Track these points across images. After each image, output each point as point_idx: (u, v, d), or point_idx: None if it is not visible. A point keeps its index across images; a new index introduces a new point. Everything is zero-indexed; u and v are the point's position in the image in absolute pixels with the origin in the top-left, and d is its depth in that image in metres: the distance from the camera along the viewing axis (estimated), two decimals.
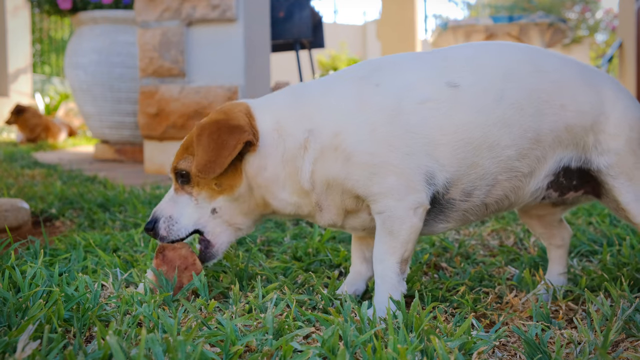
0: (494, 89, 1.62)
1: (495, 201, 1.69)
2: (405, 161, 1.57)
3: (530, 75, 1.65)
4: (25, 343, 1.16)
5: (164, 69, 4.86)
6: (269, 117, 1.68)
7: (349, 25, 20.17)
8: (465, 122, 1.60)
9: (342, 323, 1.33)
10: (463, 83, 1.62)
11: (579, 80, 1.68)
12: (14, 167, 5.13)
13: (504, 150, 1.62)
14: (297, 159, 1.64)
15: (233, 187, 1.68)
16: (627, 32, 8.55)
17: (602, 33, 16.31)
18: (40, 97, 11.96)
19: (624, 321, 1.48)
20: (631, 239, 2.27)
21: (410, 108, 1.60)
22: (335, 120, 1.61)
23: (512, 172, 1.65)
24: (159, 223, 1.72)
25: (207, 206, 1.70)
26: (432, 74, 1.65)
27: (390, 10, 12.95)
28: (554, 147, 1.66)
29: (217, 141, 1.61)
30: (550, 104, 1.64)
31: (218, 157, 1.60)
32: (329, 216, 1.70)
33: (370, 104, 1.61)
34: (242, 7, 4.74)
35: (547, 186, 1.70)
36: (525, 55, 1.69)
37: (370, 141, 1.57)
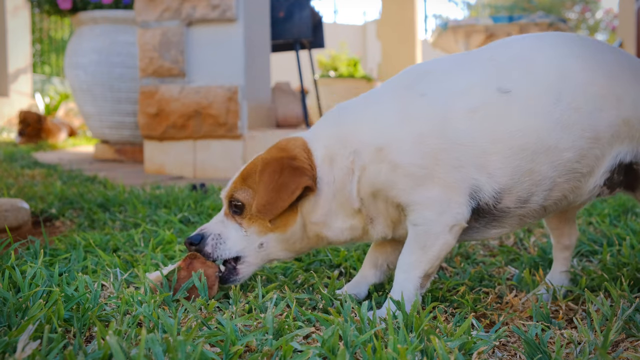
0: (549, 91, 1.56)
1: (554, 202, 1.65)
2: (452, 174, 1.53)
3: (584, 71, 1.58)
4: (25, 343, 1.16)
5: (164, 69, 4.86)
6: (320, 149, 1.65)
7: (349, 25, 20.16)
8: (519, 128, 1.54)
9: (342, 323, 1.33)
10: (515, 87, 1.56)
11: (629, 70, 1.63)
12: (14, 167, 5.13)
13: (563, 153, 1.56)
14: (346, 185, 1.62)
15: (287, 226, 1.67)
16: (627, 32, 8.55)
17: (602, 33, 16.31)
18: (40, 97, 11.96)
19: (624, 321, 1.47)
20: (631, 239, 2.27)
21: (459, 118, 1.54)
22: (378, 135, 1.57)
23: (571, 174, 1.60)
24: (207, 239, 1.71)
25: (255, 239, 1.69)
26: (481, 79, 1.59)
27: (390, 10, 12.94)
28: (612, 143, 1.60)
29: (278, 181, 1.59)
30: (606, 99, 1.57)
31: (277, 199, 1.59)
32: (380, 227, 1.68)
33: (415, 115, 1.57)
34: (242, 7, 4.74)
35: (604, 182, 1.64)
36: (575, 49, 1.62)
37: (417, 153, 1.54)
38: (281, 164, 1.61)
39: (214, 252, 1.71)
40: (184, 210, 2.99)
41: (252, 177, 1.67)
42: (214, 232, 1.72)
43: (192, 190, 3.59)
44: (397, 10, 12.83)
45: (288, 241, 1.70)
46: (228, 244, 1.71)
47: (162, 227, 2.63)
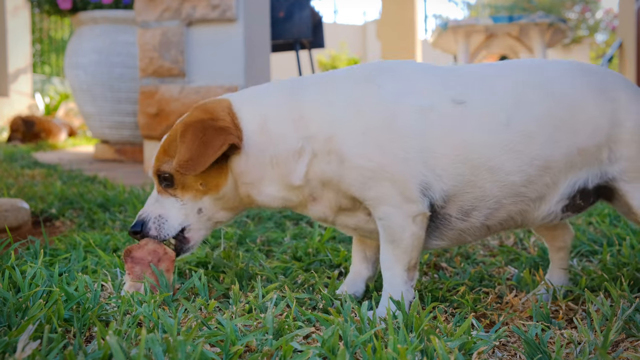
0: (501, 113, 1.57)
1: (499, 222, 1.65)
2: (399, 167, 1.54)
3: (542, 102, 1.59)
4: (25, 343, 1.16)
5: (164, 69, 4.86)
6: (256, 115, 1.65)
7: (349, 25, 20.16)
8: (466, 140, 1.55)
9: (342, 323, 1.33)
10: (470, 101, 1.58)
11: (592, 95, 1.61)
12: (14, 167, 5.13)
13: (508, 176, 1.57)
14: (289, 162, 1.62)
15: (219, 186, 1.67)
16: (627, 32, 8.55)
17: (602, 33, 16.30)
18: (40, 97, 11.95)
19: (624, 321, 1.48)
20: (631, 239, 2.27)
21: (408, 113, 1.56)
22: (331, 124, 1.59)
23: (517, 197, 1.60)
24: (148, 224, 1.71)
25: (193, 206, 1.70)
26: (439, 85, 1.61)
27: (390, 10, 12.94)
28: (566, 172, 1.60)
29: (202, 139, 1.59)
30: (563, 131, 1.58)
31: (201, 155, 1.58)
32: (321, 209, 1.68)
33: (367, 106, 1.58)
34: (242, 7, 4.74)
35: (562, 210, 1.65)
36: (536, 78, 1.63)
37: (364, 144, 1.55)
38: (203, 125, 1.61)
39: (159, 234, 1.70)
40: None
41: (174, 145, 1.66)
42: (154, 214, 1.71)
43: None
44: (397, 10, 12.83)
45: (223, 201, 1.70)
46: (170, 220, 1.70)
47: None
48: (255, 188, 1.67)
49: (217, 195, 1.68)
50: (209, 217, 1.72)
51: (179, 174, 1.65)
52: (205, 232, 1.75)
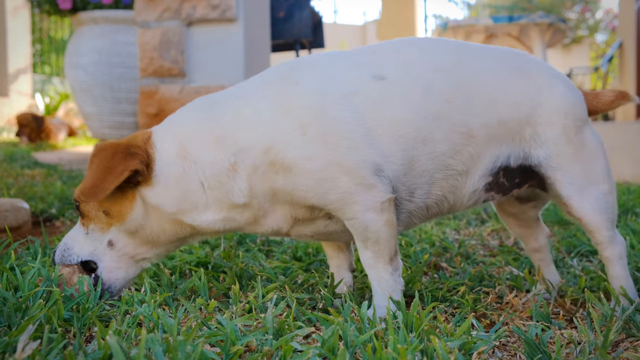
0: (421, 81, 1.57)
1: (436, 202, 1.64)
2: (349, 156, 1.48)
3: (456, 68, 1.60)
4: (25, 343, 1.16)
5: (164, 69, 4.86)
6: (173, 144, 1.57)
7: (349, 25, 20.15)
8: (397, 114, 1.54)
9: (342, 323, 1.33)
10: (390, 75, 1.57)
11: (511, 71, 1.63)
12: (14, 167, 5.13)
13: (437, 146, 1.56)
14: (225, 183, 1.54)
15: (123, 214, 1.60)
16: (627, 32, 8.55)
17: (602, 33, 16.30)
18: (40, 97, 11.95)
19: (624, 321, 1.48)
20: (631, 238, 2.27)
21: (338, 101, 1.52)
22: (264, 133, 1.51)
23: (447, 171, 1.60)
24: (56, 250, 1.69)
25: (100, 237, 1.64)
26: (356, 67, 1.59)
27: (390, 10, 12.94)
28: (488, 144, 1.61)
29: (106, 165, 1.53)
30: (479, 98, 1.59)
31: (103, 181, 1.52)
32: (274, 222, 1.61)
33: (293, 105, 1.52)
34: (242, 7, 4.74)
35: (485, 188, 1.65)
36: (451, 49, 1.65)
37: (305, 144, 1.48)
38: (114, 149, 1.56)
39: (62, 260, 1.66)
40: None
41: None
42: (62, 242, 1.68)
43: None
44: (397, 10, 12.83)
45: (138, 233, 1.62)
46: (74, 249, 1.66)
47: None
48: (188, 216, 1.59)
49: (125, 225, 1.61)
50: (127, 253, 1.65)
51: (83, 202, 1.61)
52: (125, 273, 1.66)
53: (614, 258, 1.67)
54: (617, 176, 4.86)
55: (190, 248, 2.22)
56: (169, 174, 1.57)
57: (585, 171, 1.63)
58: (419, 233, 2.64)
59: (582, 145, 1.64)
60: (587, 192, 1.63)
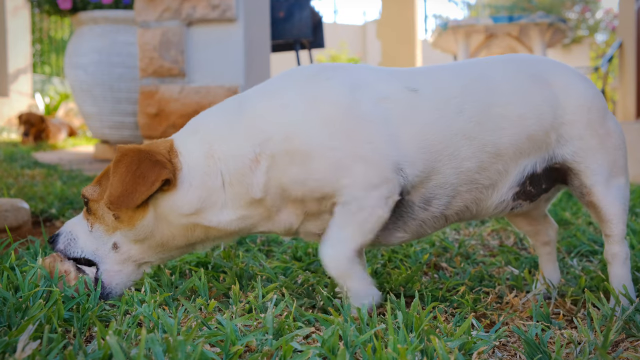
0: (453, 101, 1.60)
1: (456, 212, 1.66)
2: (369, 149, 1.51)
3: (484, 91, 1.63)
4: (25, 343, 1.16)
5: (164, 69, 4.86)
6: (199, 145, 1.58)
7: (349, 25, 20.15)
8: (425, 125, 1.56)
9: (342, 323, 1.33)
10: (422, 90, 1.60)
11: (532, 82, 1.66)
12: (14, 167, 5.13)
13: (464, 162, 1.59)
14: (246, 176, 1.55)
15: (133, 220, 1.59)
16: (627, 32, 8.55)
17: (602, 33, 16.29)
18: (40, 97, 11.95)
19: (624, 321, 1.48)
20: (631, 238, 2.27)
21: (367, 102, 1.54)
22: (285, 124, 1.53)
23: (472, 184, 1.62)
24: (59, 237, 1.66)
25: (105, 239, 1.62)
26: (389, 77, 1.62)
27: (390, 10, 12.94)
28: (517, 159, 1.64)
29: (135, 172, 1.52)
30: (507, 118, 1.62)
31: (134, 190, 1.50)
32: (286, 218, 1.62)
33: (321, 98, 1.54)
34: (242, 7, 4.74)
35: (513, 197, 1.67)
36: (478, 72, 1.68)
37: (327, 136, 1.51)
38: (139, 156, 1.54)
39: (65, 250, 1.65)
40: None
41: (107, 175, 1.61)
42: (67, 230, 1.66)
43: None
44: (397, 10, 12.83)
45: (146, 239, 1.61)
46: (79, 242, 1.64)
47: None
48: (204, 217, 1.59)
49: (133, 231, 1.60)
50: (131, 257, 1.63)
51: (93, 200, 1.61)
52: (126, 277, 1.65)
53: (622, 257, 1.68)
54: None
55: None
56: (193, 176, 1.57)
57: (609, 161, 1.66)
58: None
59: (607, 135, 1.67)
60: (611, 182, 1.66)
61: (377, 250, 2.33)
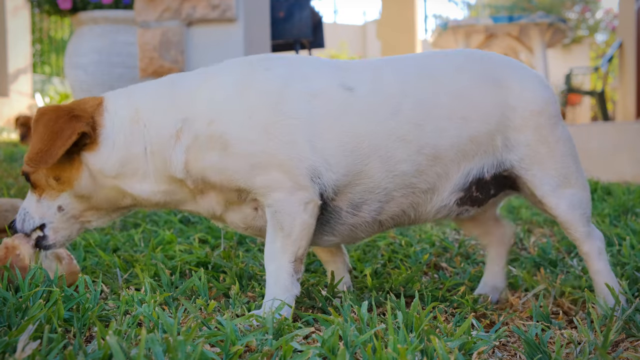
0: (391, 101, 1.55)
1: (391, 217, 1.62)
2: (286, 151, 1.48)
3: (427, 91, 1.58)
4: (25, 343, 1.16)
5: (164, 69, 4.86)
6: (126, 108, 1.60)
7: (349, 25, 20.15)
8: (355, 127, 1.53)
9: (342, 323, 1.33)
10: (359, 88, 1.56)
11: (479, 82, 1.61)
12: (14, 167, 5.13)
13: (398, 165, 1.54)
14: (166, 150, 1.56)
15: (72, 180, 1.61)
16: (627, 32, 8.55)
17: (602, 33, 16.29)
18: (40, 97, 11.95)
19: (624, 321, 1.48)
20: (631, 238, 2.27)
21: (296, 97, 1.52)
22: (212, 107, 1.53)
23: (408, 189, 1.58)
24: (16, 217, 1.71)
25: (51, 204, 1.65)
26: (328, 73, 1.59)
27: (390, 10, 12.94)
28: (458, 162, 1.59)
29: (52, 129, 1.53)
30: (450, 119, 1.57)
31: (52, 146, 1.52)
32: (209, 203, 1.62)
33: (252, 88, 1.53)
34: (242, 7, 4.74)
35: (457, 203, 1.62)
36: (422, 69, 1.63)
37: (248, 127, 1.50)
38: (57, 113, 1.57)
39: (22, 227, 1.68)
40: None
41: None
42: (21, 209, 1.70)
43: None
44: (397, 10, 12.82)
45: (85, 198, 1.64)
46: (31, 214, 1.67)
47: (162, 227, 2.63)
48: (126, 183, 1.60)
49: (74, 190, 1.62)
50: (74, 216, 1.67)
51: (32, 170, 1.61)
52: (69, 232, 1.69)
53: (594, 253, 1.66)
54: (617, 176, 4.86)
55: (190, 248, 2.22)
56: (116, 137, 1.58)
57: (558, 169, 1.62)
58: (418, 233, 2.64)
59: (555, 143, 1.62)
60: (561, 190, 1.62)
61: (376, 250, 2.33)
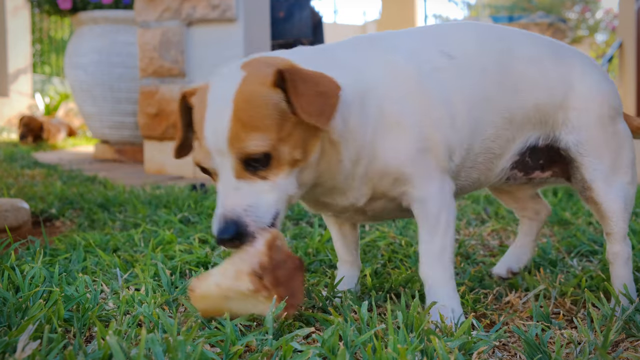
0: (477, 63, 1.57)
1: (469, 184, 1.64)
2: (436, 133, 1.47)
3: (503, 52, 1.61)
4: (25, 343, 1.16)
5: (164, 69, 4.86)
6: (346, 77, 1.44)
7: (349, 25, 20.15)
8: (470, 97, 1.53)
9: (342, 323, 1.33)
10: (457, 55, 1.57)
11: (548, 55, 1.65)
12: (14, 167, 5.13)
13: (486, 129, 1.57)
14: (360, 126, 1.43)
15: (310, 153, 1.38)
16: (627, 32, 8.55)
17: (602, 33, 16.29)
18: (40, 97, 11.95)
19: (624, 321, 1.47)
20: (631, 238, 2.27)
21: (429, 74, 1.50)
22: (376, 89, 1.45)
23: (488, 154, 1.60)
24: (243, 220, 1.30)
25: (285, 185, 1.35)
26: (428, 43, 1.58)
27: (390, 10, 12.94)
28: (523, 128, 1.62)
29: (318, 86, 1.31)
30: (524, 81, 1.60)
31: (326, 105, 1.29)
32: (358, 192, 1.50)
33: (398, 69, 1.49)
34: (242, 7, 4.74)
35: (511, 167, 1.66)
36: (496, 33, 1.66)
37: (410, 112, 1.45)
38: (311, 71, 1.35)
39: (262, 222, 1.33)
40: (184, 210, 2.99)
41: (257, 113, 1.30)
42: (241, 207, 1.31)
43: (192, 190, 3.60)
44: (397, 10, 12.83)
45: (312, 169, 1.42)
46: (266, 208, 1.33)
47: (162, 227, 2.63)
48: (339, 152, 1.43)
49: (305, 165, 1.38)
50: (293, 197, 1.40)
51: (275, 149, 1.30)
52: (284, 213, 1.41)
53: (623, 256, 1.67)
54: None
55: (190, 248, 2.22)
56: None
57: (613, 159, 1.65)
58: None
59: (614, 134, 1.66)
60: (612, 178, 1.65)
61: (376, 250, 2.33)
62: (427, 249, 1.52)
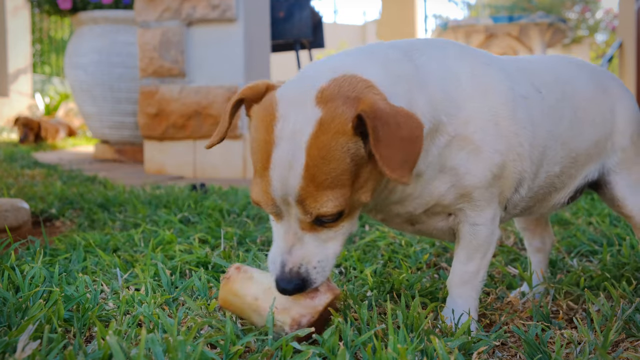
0: (559, 105, 1.57)
1: (520, 211, 1.63)
2: (517, 163, 1.42)
3: (573, 94, 1.61)
4: (25, 343, 1.16)
5: (164, 69, 4.86)
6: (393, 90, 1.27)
7: (349, 25, 20.16)
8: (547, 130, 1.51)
9: (342, 323, 1.33)
10: (543, 91, 1.54)
11: (598, 90, 1.67)
12: (14, 167, 5.13)
13: (554, 167, 1.56)
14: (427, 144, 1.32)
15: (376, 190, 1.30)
16: (627, 32, 8.55)
17: (602, 33, 16.29)
18: (40, 97, 11.95)
19: (624, 321, 1.47)
20: (631, 238, 2.27)
21: (520, 99, 1.44)
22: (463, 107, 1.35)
23: (549, 187, 1.60)
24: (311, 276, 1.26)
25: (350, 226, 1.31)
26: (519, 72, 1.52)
27: (390, 10, 12.94)
28: (584, 164, 1.64)
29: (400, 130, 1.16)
30: (587, 122, 1.62)
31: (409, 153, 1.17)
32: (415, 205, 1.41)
33: (488, 87, 1.38)
34: (242, 7, 4.74)
35: (567, 201, 1.68)
36: (563, 74, 1.64)
37: (495, 136, 1.37)
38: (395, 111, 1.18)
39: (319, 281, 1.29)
40: (184, 210, 2.99)
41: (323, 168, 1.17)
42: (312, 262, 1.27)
43: (192, 190, 3.60)
44: (397, 10, 12.83)
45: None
46: (330, 263, 1.30)
47: (162, 227, 2.63)
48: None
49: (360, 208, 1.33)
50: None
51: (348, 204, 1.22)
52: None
53: None
54: None
55: (190, 248, 2.22)
56: None
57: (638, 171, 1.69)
58: None
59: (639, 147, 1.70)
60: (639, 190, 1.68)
61: (376, 250, 2.33)
62: (461, 268, 1.50)
